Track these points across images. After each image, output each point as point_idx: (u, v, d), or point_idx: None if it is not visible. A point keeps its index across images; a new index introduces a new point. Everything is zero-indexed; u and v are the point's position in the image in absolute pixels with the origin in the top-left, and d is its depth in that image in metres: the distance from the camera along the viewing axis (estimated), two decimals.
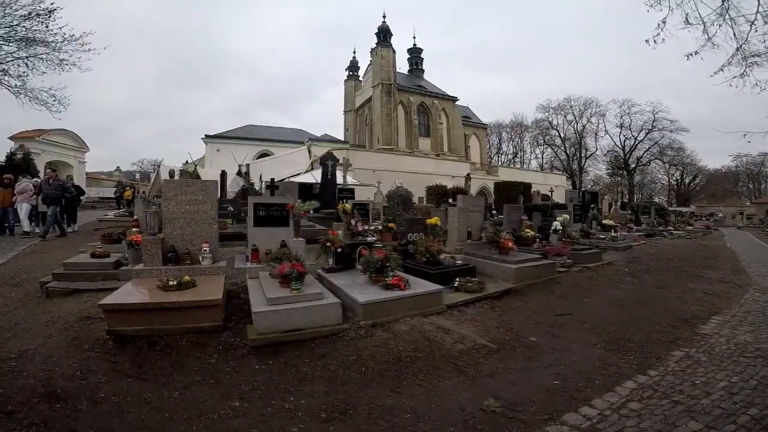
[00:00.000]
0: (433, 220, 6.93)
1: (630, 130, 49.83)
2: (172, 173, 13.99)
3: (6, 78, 12.64)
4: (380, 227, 8.21)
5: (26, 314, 3.90)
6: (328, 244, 5.39)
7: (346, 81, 47.36)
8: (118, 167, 45.42)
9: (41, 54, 12.60)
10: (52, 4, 12.03)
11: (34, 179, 11.01)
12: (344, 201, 9.60)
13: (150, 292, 3.53)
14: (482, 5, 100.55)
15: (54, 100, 13.33)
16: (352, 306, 3.91)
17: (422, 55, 44.62)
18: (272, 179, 14.21)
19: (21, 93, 12.87)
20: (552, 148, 55.44)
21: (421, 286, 4.35)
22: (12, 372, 2.65)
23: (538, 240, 8.31)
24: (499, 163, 49.75)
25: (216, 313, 3.48)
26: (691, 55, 4.59)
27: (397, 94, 37.58)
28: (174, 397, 2.52)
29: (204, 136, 30.98)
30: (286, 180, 16.35)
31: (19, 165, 13.53)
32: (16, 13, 11.74)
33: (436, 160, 30.97)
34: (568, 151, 53.91)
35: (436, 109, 40.16)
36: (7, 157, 14.72)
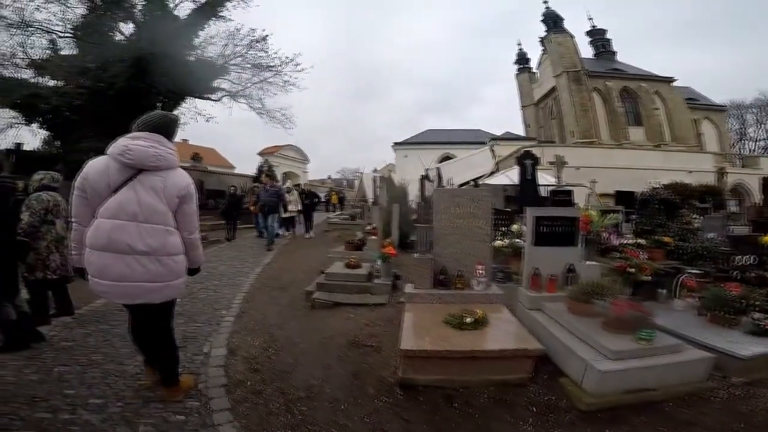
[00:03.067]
0: None
1: None
2: (376, 180, 14.68)
3: (251, 101, 15.11)
4: (642, 242, 6.04)
5: (300, 330, 3.77)
6: (631, 269, 3.77)
7: (517, 75, 43.05)
8: (329, 176, 54.64)
9: (269, 78, 14.67)
10: (263, 31, 13.90)
11: (283, 184, 12.39)
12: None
13: (444, 331, 2.76)
14: None
15: (285, 119, 15.73)
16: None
17: (607, 36, 36.76)
18: (475, 182, 13.31)
19: (263, 113, 15.39)
20: None
21: None
22: (305, 423, 2.24)
23: None
24: (749, 152, 36.13)
25: (528, 364, 2.58)
26: None
27: (588, 81, 31.81)
28: None
29: (393, 144, 33.21)
30: (471, 182, 15.24)
31: (267, 175, 16.61)
32: (241, 43, 13.79)
33: (662, 152, 24.22)
34: None
35: (645, 93, 32.08)
36: (258, 169, 18.68)
